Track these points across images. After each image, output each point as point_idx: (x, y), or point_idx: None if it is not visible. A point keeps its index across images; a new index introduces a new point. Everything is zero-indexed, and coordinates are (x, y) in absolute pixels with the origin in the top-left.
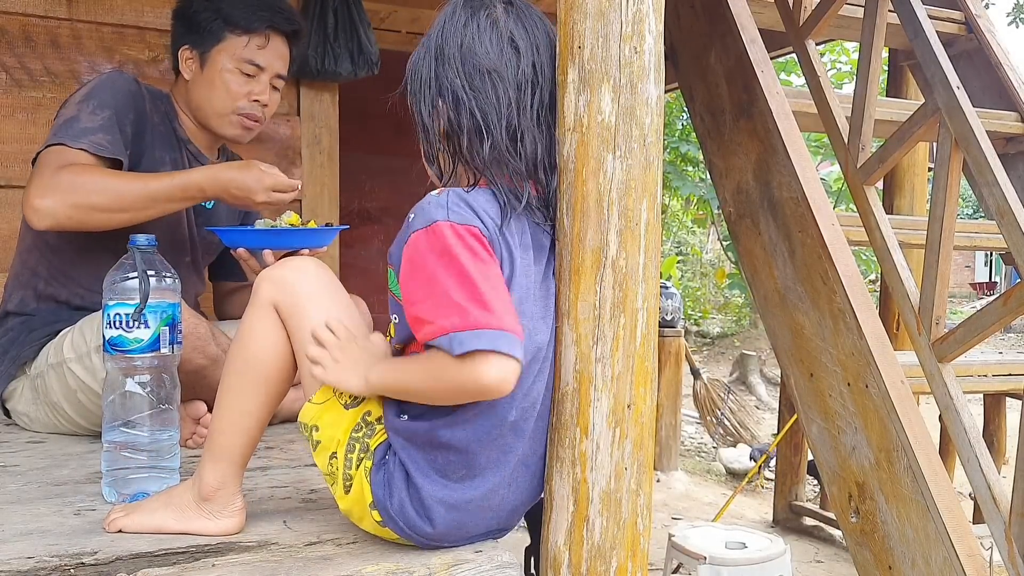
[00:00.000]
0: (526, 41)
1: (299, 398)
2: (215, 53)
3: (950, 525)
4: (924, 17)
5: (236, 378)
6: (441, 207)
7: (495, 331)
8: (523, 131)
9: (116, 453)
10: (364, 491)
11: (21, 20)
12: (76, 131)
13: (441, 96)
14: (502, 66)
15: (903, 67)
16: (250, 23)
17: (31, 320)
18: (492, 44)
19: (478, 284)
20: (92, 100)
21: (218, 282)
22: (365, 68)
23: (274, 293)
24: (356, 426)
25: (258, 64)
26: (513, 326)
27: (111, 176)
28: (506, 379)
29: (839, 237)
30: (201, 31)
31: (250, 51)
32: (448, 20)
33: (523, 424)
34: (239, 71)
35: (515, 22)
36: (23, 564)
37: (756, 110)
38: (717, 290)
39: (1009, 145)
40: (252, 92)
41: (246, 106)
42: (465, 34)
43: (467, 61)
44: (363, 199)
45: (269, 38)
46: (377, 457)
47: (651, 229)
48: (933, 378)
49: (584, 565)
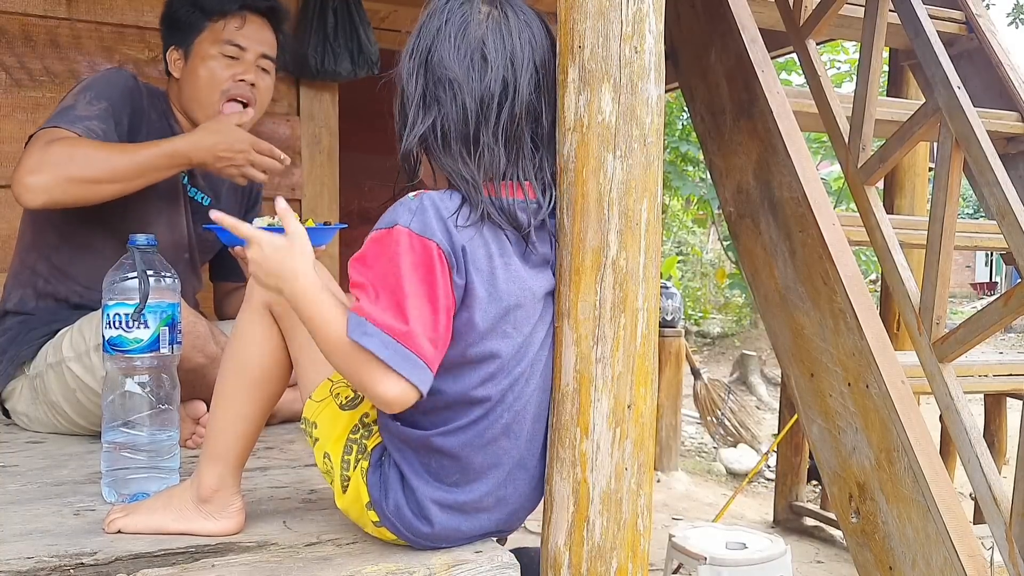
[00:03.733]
0: (499, 52)
1: (297, 399)
2: (197, 44)
3: (951, 525)
4: (924, 17)
5: (231, 380)
6: (408, 211)
7: (400, 346)
8: (482, 146)
9: (116, 453)
10: (361, 491)
11: (21, 20)
12: (71, 117)
13: (408, 97)
14: (464, 78)
15: (903, 67)
16: (223, 6)
17: (30, 319)
18: (459, 52)
19: (406, 298)
20: (90, 92)
21: (218, 282)
22: (365, 68)
23: (268, 294)
24: (353, 427)
25: (238, 44)
26: (423, 350)
27: (99, 147)
28: (397, 397)
29: (840, 237)
30: (182, 27)
31: (228, 33)
32: (426, 21)
33: (516, 427)
34: (221, 55)
35: (493, 28)
36: (23, 564)
37: (756, 110)
38: (717, 290)
39: (1010, 145)
40: (236, 73)
41: (231, 87)
42: (437, 38)
43: (434, 69)
44: (363, 199)
45: (245, 18)
46: (374, 459)
47: (651, 229)
48: (933, 378)
49: (584, 565)
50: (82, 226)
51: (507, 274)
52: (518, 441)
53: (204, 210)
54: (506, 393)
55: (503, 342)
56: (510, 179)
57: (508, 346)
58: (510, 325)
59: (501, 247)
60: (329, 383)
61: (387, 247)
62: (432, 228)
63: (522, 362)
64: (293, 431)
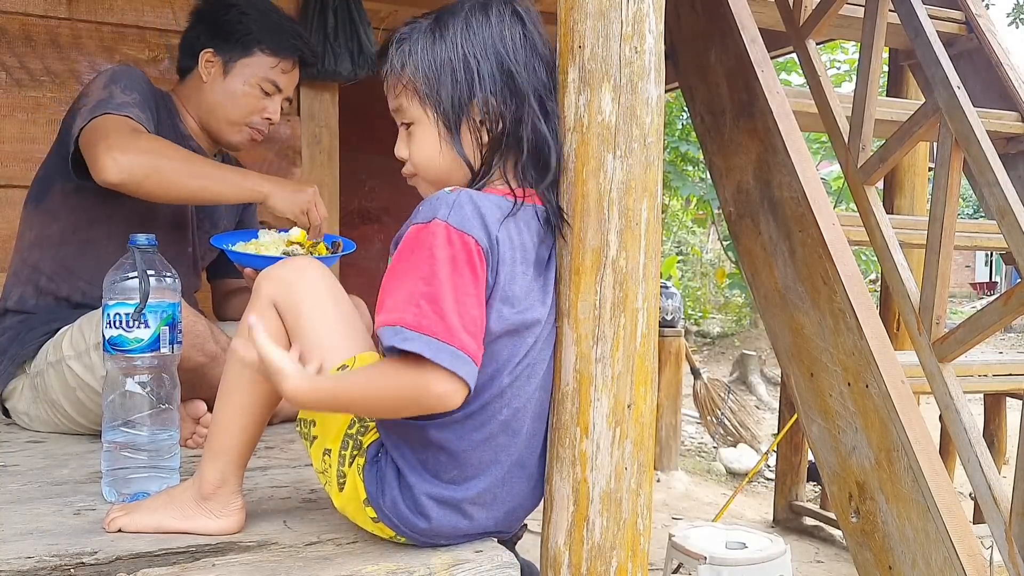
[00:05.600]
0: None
1: None
2: (241, 65)
3: (950, 525)
4: (924, 17)
5: (235, 377)
6: (446, 205)
7: (442, 343)
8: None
9: (116, 453)
10: (357, 488)
11: (21, 20)
12: (116, 104)
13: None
14: (529, 81)
15: (903, 67)
16: (282, 48)
17: (30, 319)
18: (526, 60)
19: (443, 294)
20: (119, 82)
21: (217, 280)
22: (365, 68)
23: (275, 292)
24: (350, 423)
25: (278, 86)
26: (465, 344)
27: (189, 154)
28: (447, 395)
29: (839, 237)
30: (231, 40)
31: (276, 73)
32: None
33: (516, 424)
34: (260, 88)
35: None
36: (23, 564)
37: (756, 109)
38: (717, 290)
39: (1010, 145)
40: (266, 110)
41: (258, 121)
42: (505, 41)
43: (506, 69)
44: (363, 199)
45: (295, 64)
46: (370, 455)
47: (651, 229)
48: (933, 378)
49: (584, 565)
50: (88, 220)
51: (524, 279)
52: (517, 439)
53: (207, 208)
54: (505, 389)
55: (509, 341)
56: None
57: (513, 345)
58: (519, 326)
59: (524, 249)
60: None
61: (425, 239)
62: (471, 222)
63: (524, 360)
64: (293, 431)
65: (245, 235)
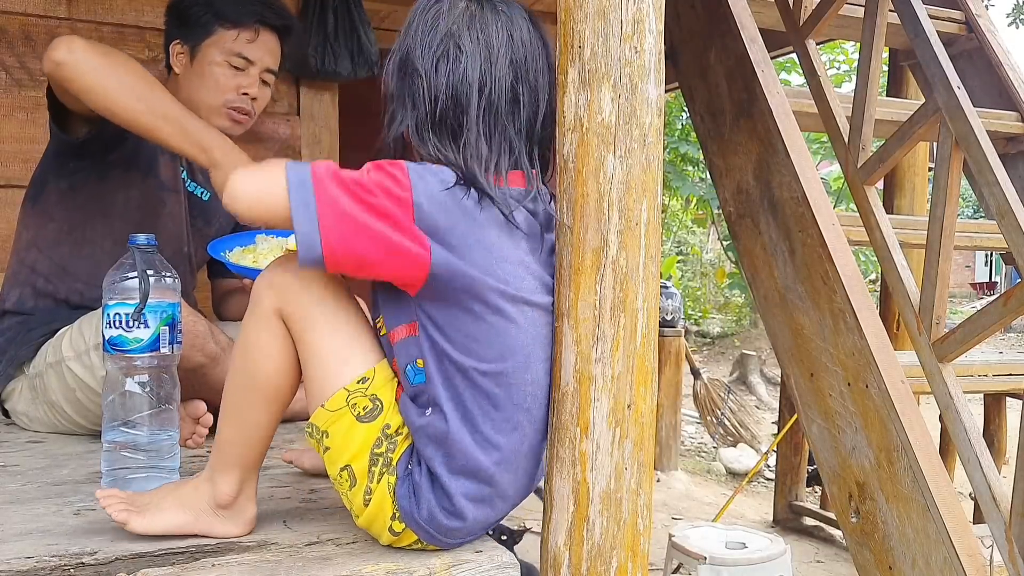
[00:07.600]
0: (474, 43)
1: (300, 397)
2: (205, 47)
3: (950, 525)
4: (924, 17)
5: (242, 394)
6: (412, 166)
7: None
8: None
9: (116, 453)
10: (385, 504)
11: (21, 20)
12: None
13: (388, 95)
14: (433, 70)
15: (903, 67)
16: (240, 17)
17: (29, 320)
18: (430, 47)
19: (341, 187)
20: None
21: (216, 279)
22: (365, 68)
23: (278, 302)
24: (376, 441)
25: (247, 58)
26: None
27: (152, 80)
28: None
29: (839, 237)
30: (191, 25)
31: (239, 44)
32: (407, 22)
33: (531, 400)
34: (228, 64)
35: (468, 21)
36: (23, 564)
37: (756, 110)
38: (717, 290)
39: (1009, 145)
40: (241, 85)
41: (235, 99)
42: (409, 35)
43: (406, 65)
44: None
45: (259, 32)
46: (400, 470)
47: (651, 229)
48: (933, 378)
49: (584, 565)
50: (83, 219)
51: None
52: (532, 413)
53: (203, 205)
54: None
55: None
56: (497, 170)
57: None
58: (518, 302)
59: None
60: (345, 392)
61: (383, 166)
62: (426, 173)
63: (527, 343)
64: (294, 431)
65: (242, 238)
